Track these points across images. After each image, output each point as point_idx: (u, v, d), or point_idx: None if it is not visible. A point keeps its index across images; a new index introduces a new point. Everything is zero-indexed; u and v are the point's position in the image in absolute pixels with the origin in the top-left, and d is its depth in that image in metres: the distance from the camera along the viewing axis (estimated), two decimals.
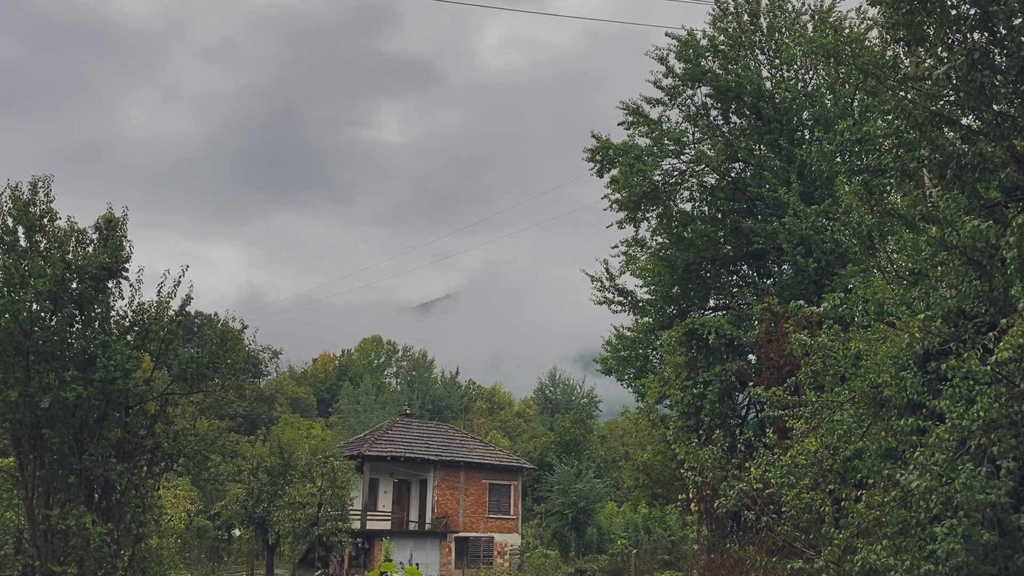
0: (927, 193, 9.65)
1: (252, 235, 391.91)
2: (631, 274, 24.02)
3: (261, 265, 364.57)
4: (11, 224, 15.93)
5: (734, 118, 22.41)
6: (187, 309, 17.41)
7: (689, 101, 21.93)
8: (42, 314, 15.83)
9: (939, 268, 9.29)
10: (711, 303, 23.78)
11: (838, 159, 18.33)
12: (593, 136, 22.20)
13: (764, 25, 22.30)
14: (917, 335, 8.87)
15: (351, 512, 38.13)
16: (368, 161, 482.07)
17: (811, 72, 22.28)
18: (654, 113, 22.08)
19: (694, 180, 22.24)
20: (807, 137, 21.44)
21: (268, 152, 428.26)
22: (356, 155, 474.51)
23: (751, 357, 20.54)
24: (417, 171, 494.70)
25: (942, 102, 8.63)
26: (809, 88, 21.95)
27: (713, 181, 22.44)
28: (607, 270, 24.23)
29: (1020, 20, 8.13)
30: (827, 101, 21.30)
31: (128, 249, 16.97)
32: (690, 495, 19.57)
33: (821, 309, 11.10)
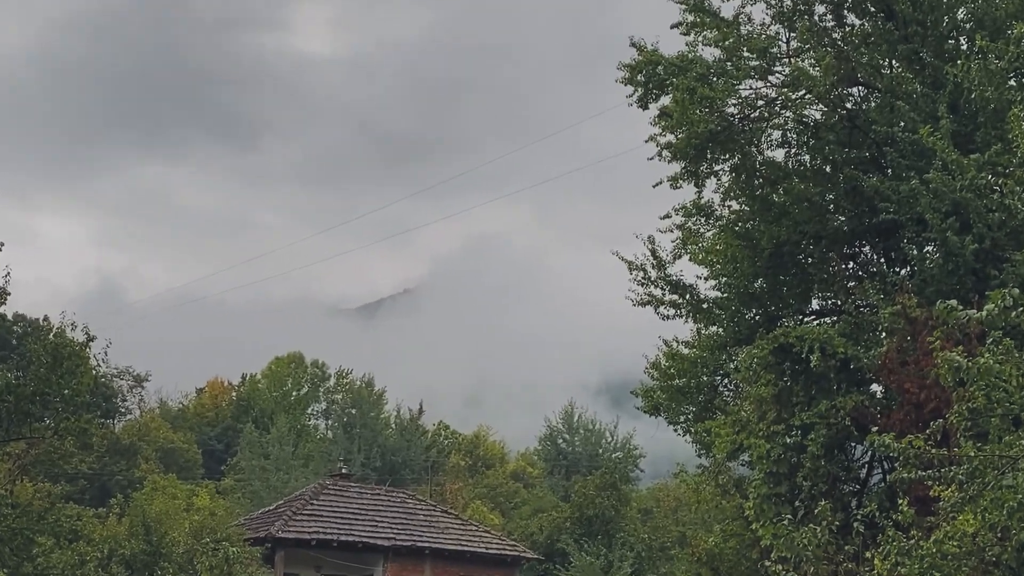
0: None
1: (104, 198, 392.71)
2: (691, 259, 23.99)
3: (118, 243, 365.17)
4: None
5: (851, 17, 22.37)
6: (0, 311, 17.33)
7: None
8: None
9: None
10: (814, 304, 23.74)
11: (1012, 81, 18.32)
12: (633, 45, 22.13)
13: None
14: None
15: None
16: (283, 86, 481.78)
17: None
18: (727, 9, 22.08)
19: (789, 114, 22.21)
20: (964, 48, 21.42)
21: (129, 71, 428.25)
22: (264, 76, 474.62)
23: (875, 388, 20.51)
24: (358, 102, 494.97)
25: None
26: None
27: (818, 115, 22.40)
28: (653, 253, 24.22)
29: None
30: None
31: None
32: None
33: (984, 314, 11.09)
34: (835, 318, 22.37)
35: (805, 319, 23.32)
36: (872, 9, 21.97)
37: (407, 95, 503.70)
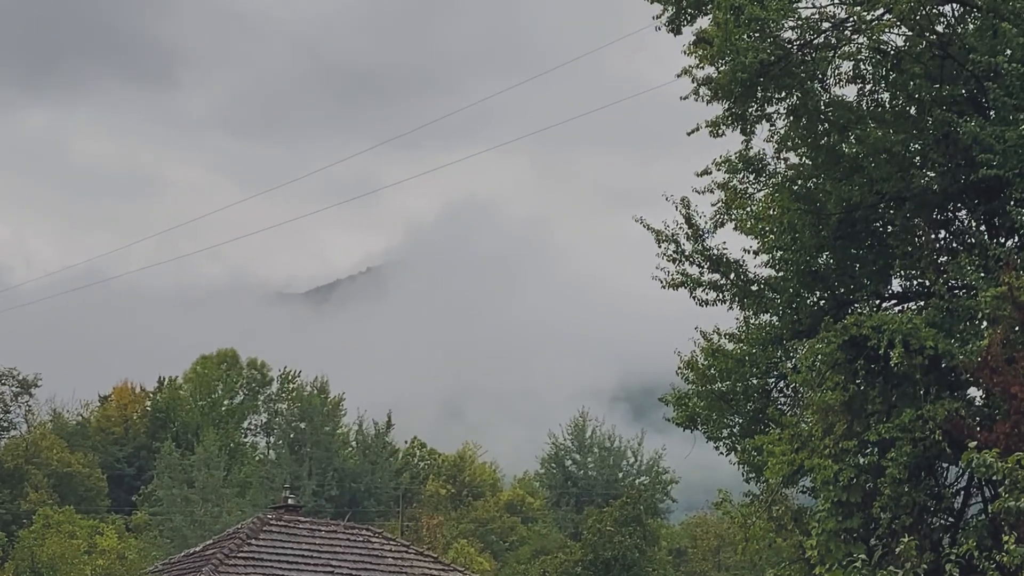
0: None
1: None
2: (736, 228, 24.02)
3: (1, 211, 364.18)
4: None
5: None
6: None
7: None
8: None
9: None
10: (894, 286, 23.77)
11: None
12: None
13: None
14: None
15: None
16: (206, 4, 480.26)
17: None
18: None
19: (862, 40, 22.19)
20: None
21: None
22: (187, 1, 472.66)
23: (974, 393, 20.53)
24: (303, 24, 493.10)
25: None
26: None
27: (901, 42, 22.40)
28: (688, 219, 24.27)
29: None
30: None
31: None
32: None
33: None
34: (922, 303, 22.39)
35: (884, 304, 23.34)
36: None
37: (366, 15, 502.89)
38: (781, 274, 23.68)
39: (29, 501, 77.22)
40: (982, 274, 20.36)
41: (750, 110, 22.48)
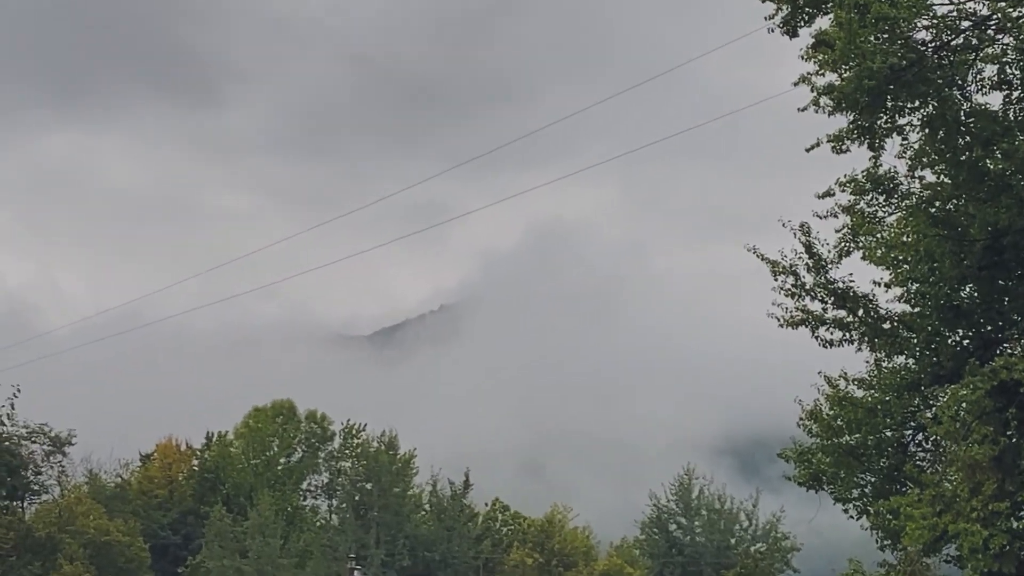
0: None
1: (8, 180, 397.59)
2: (864, 257, 23.97)
3: (28, 245, 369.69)
4: None
5: None
6: None
7: None
8: None
9: None
10: None
11: None
12: None
13: None
14: None
15: None
16: (254, 14, 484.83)
17: None
18: None
19: (1008, 40, 22.08)
20: None
21: (46, 7, 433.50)
22: (230, 8, 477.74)
23: None
24: (357, 33, 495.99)
25: None
26: None
27: None
28: (808, 248, 24.22)
29: None
30: None
31: None
32: None
33: None
34: None
35: None
36: None
37: (428, 18, 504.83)
38: (918, 310, 23.61)
39: (63, 574, 78.08)
40: None
41: (879, 122, 22.43)
